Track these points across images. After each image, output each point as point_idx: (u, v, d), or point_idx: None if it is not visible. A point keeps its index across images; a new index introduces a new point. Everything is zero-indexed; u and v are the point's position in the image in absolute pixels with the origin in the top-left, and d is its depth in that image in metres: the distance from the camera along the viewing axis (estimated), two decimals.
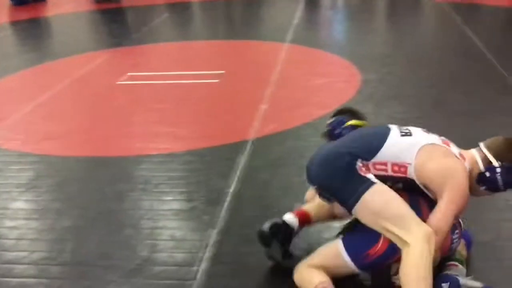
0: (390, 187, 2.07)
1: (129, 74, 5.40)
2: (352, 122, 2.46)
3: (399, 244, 1.99)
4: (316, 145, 3.53)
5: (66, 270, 2.48)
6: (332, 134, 2.47)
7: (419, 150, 2.06)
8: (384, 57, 5.54)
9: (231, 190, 3.06)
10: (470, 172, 2.09)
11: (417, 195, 2.10)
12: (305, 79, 4.92)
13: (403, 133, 2.13)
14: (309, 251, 2.26)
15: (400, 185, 2.11)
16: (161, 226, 2.78)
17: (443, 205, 1.99)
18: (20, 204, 3.11)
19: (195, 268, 2.42)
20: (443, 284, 2.06)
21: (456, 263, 2.21)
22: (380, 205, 2.00)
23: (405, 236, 1.96)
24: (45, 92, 4.98)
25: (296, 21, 7.46)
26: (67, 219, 2.91)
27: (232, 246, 2.56)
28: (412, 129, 2.18)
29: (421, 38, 6.47)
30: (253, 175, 3.23)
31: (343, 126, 2.45)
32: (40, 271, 2.49)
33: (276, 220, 2.36)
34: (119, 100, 4.77)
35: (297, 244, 2.39)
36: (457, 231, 2.12)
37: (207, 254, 2.51)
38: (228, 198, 2.97)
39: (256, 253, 2.46)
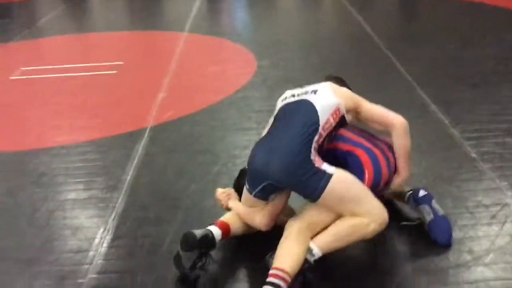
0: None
1: (22, 69, 5.24)
2: None
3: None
4: (211, 130, 3.71)
5: None
6: None
7: (332, 91, 2.38)
8: (279, 44, 5.75)
9: (128, 177, 3.11)
10: None
11: (371, 147, 2.40)
12: (203, 67, 5.02)
13: (313, 91, 2.39)
14: None
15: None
16: (56, 216, 2.79)
17: (369, 104, 2.48)
18: None
19: (91, 253, 2.46)
20: (421, 190, 2.44)
21: None
22: (342, 192, 2.20)
23: (365, 215, 2.18)
24: None
25: (195, 11, 7.52)
26: None
27: (128, 230, 2.63)
28: (307, 88, 2.44)
29: (316, 27, 6.76)
30: (150, 161, 3.30)
31: None
32: None
33: (207, 232, 2.28)
34: (13, 95, 4.64)
35: None
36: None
37: (104, 239, 2.56)
38: (125, 185, 3.02)
39: (152, 235, 2.56)
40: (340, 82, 2.61)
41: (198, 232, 2.25)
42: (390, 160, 2.41)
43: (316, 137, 2.25)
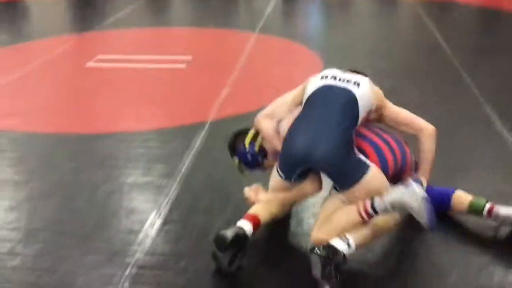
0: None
1: (98, 57, 5.51)
2: None
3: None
4: None
5: (19, 234, 2.61)
6: None
7: (369, 88, 2.42)
8: (348, 49, 5.73)
9: (185, 166, 3.21)
10: None
11: (377, 140, 2.44)
12: (269, 67, 5.08)
13: (356, 84, 2.41)
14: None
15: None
16: (113, 197, 2.93)
17: (395, 107, 2.55)
18: None
19: (141, 234, 2.57)
20: (412, 182, 2.29)
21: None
22: (373, 185, 2.28)
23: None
24: (14, 72, 5.06)
25: (269, 11, 7.61)
26: (24, 190, 3.04)
27: (179, 216, 2.72)
28: (346, 76, 2.46)
29: (388, 34, 6.67)
30: (206, 153, 3.39)
31: None
32: None
33: (238, 230, 2.30)
34: (87, 81, 4.89)
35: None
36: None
37: (155, 223, 2.66)
38: (181, 174, 3.13)
39: (201, 224, 2.64)
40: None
41: (229, 233, 2.27)
42: (397, 154, 2.42)
43: (353, 130, 2.33)
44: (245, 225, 2.36)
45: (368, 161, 2.31)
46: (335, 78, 2.46)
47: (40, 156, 3.48)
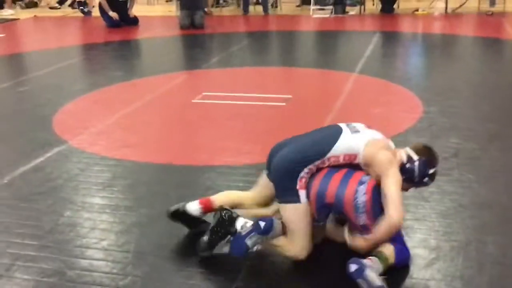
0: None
1: (204, 93, 5.84)
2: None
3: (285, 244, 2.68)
4: None
5: (129, 256, 2.84)
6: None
7: (366, 143, 2.64)
8: (449, 91, 5.64)
9: None
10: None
11: (354, 169, 2.65)
12: (367, 108, 5.12)
13: (353, 131, 2.69)
14: None
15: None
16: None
17: (390, 180, 2.53)
18: (96, 199, 3.52)
19: (241, 263, 2.70)
20: (351, 265, 2.37)
21: (375, 259, 2.45)
22: (291, 219, 2.65)
23: (291, 242, 2.66)
24: (127, 106, 5.49)
25: (368, 53, 7.67)
26: (134, 215, 3.29)
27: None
28: (358, 125, 2.71)
29: (491, 75, 6.49)
30: None
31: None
32: (107, 255, 2.86)
33: (178, 207, 2.95)
34: (192, 116, 5.19)
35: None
36: (363, 185, 2.49)
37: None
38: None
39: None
40: (423, 152, 2.68)
41: (172, 208, 2.96)
42: (348, 186, 2.54)
43: (317, 162, 2.62)
44: (192, 205, 2.92)
45: (302, 198, 2.60)
46: (348, 125, 2.75)
47: (149, 184, 3.75)
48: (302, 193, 2.62)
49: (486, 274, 2.57)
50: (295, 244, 2.64)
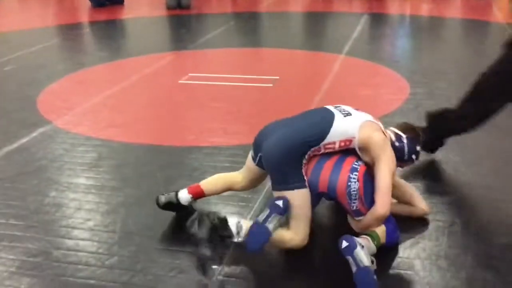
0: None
1: (190, 74, 5.79)
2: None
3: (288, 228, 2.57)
4: None
5: (115, 237, 2.82)
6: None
7: (361, 126, 2.59)
8: (437, 73, 5.66)
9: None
10: None
11: (345, 154, 2.61)
12: (355, 90, 5.12)
13: (345, 114, 2.62)
14: None
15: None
16: (201, 207, 3.08)
17: (383, 167, 2.52)
18: (82, 180, 3.49)
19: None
20: (343, 241, 2.37)
21: (369, 238, 2.47)
22: (296, 204, 2.53)
23: (295, 230, 2.55)
24: (113, 86, 5.44)
25: (356, 34, 7.65)
26: (120, 196, 3.27)
27: None
28: (347, 108, 2.66)
29: (478, 58, 6.50)
30: None
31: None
32: (93, 235, 2.84)
33: (171, 198, 2.90)
34: (179, 97, 5.16)
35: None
36: (355, 172, 2.49)
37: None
38: (266, 188, 3.23)
39: None
40: (409, 130, 2.76)
41: (163, 199, 2.90)
42: (340, 175, 2.52)
43: (314, 148, 2.54)
44: (182, 194, 2.88)
45: (305, 182, 2.52)
46: (336, 107, 2.68)
47: (134, 165, 3.72)
48: (305, 178, 2.54)
49: (470, 254, 2.60)
50: (299, 232, 2.55)
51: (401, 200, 2.86)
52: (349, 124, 2.57)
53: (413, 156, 2.76)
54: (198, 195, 2.91)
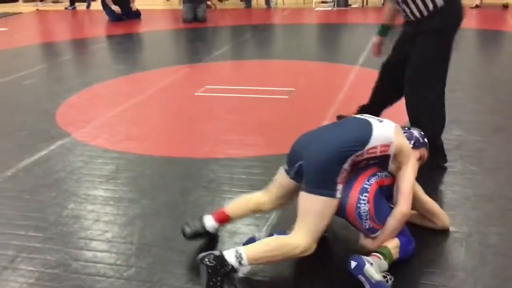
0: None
1: (206, 86, 5.84)
2: None
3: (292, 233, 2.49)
4: None
5: (133, 248, 2.85)
6: None
7: (395, 132, 2.59)
8: (452, 83, 5.60)
9: None
10: None
11: (359, 172, 2.57)
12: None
13: (379, 120, 2.63)
14: None
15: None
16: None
17: (409, 172, 2.59)
18: (99, 192, 3.53)
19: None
20: (351, 261, 2.36)
21: (379, 255, 2.44)
22: (320, 213, 2.44)
23: (300, 234, 2.44)
24: (130, 99, 5.50)
25: (370, 46, 7.63)
26: (138, 207, 3.30)
27: None
28: (373, 117, 2.68)
29: (494, 68, 6.48)
30: None
31: None
32: (111, 247, 2.87)
33: (198, 228, 2.78)
34: (194, 109, 5.20)
35: None
36: (365, 193, 2.47)
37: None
38: None
39: None
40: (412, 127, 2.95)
41: (188, 230, 2.76)
42: (350, 196, 2.49)
43: (357, 153, 2.46)
44: (208, 222, 2.76)
45: (338, 193, 2.44)
46: (362, 115, 2.71)
47: (152, 177, 3.76)
48: (340, 188, 2.45)
49: (488, 265, 2.58)
50: (309, 238, 2.43)
51: (422, 216, 2.85)
52: (386, 129, 2.57)
53: (425, 139, 2.89)
54: (224, 220, 2.79)
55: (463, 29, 8.47)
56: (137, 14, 10.72)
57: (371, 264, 2.35)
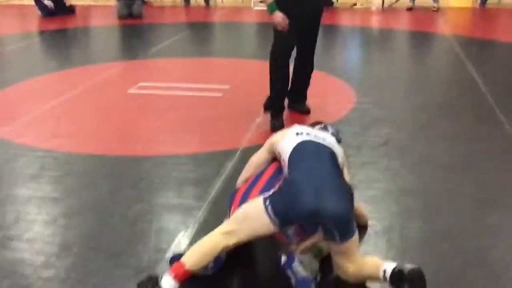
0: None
1: (140, 84, 5.74)
2: None
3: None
4: None
5: (54, 248, 2.76)
6: None
7: (337, 145, 2.77)
8: (383, 82, 5.78)
9: (214, 190, 3.33)
10: None
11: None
12: None
13: (320, 138, 2.69)
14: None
15: None
16: (145, 217, 3.05)
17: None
18: (22, 191, 3.41)
19: (169, 253, 2.67)
20: (282, 257, 2.41)
21: (309, 252, 2.50)
22: (356, 247, 2.44)
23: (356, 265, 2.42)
24: (60, 96, 5.34)
25: None
26: (62, 206, 3.21)
27: None
28: (309, 129, 2.78)
29: (424, 69, 6.71)
30: (236, 179, 3.46)
31: None
32: (30, 246, 2.77)
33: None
34: (127, 107, 5.10)
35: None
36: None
37: (182, 242, 2.77)
38: (210, 197, 3.24)
39: None
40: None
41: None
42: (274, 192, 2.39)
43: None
44: (167, 283, 2.29)
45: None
46: (308, 134, 2.66)
47: (79, 175, 3.66)
48: None
49: (408, 259, 2.66)
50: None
51: None
52: (339, 151, 2.72)
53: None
54: (184, 278, 2.33)
55: (397, 31, 8.69)
56: (71, 10, 10.41)
57: (301, 261, 2.39)
